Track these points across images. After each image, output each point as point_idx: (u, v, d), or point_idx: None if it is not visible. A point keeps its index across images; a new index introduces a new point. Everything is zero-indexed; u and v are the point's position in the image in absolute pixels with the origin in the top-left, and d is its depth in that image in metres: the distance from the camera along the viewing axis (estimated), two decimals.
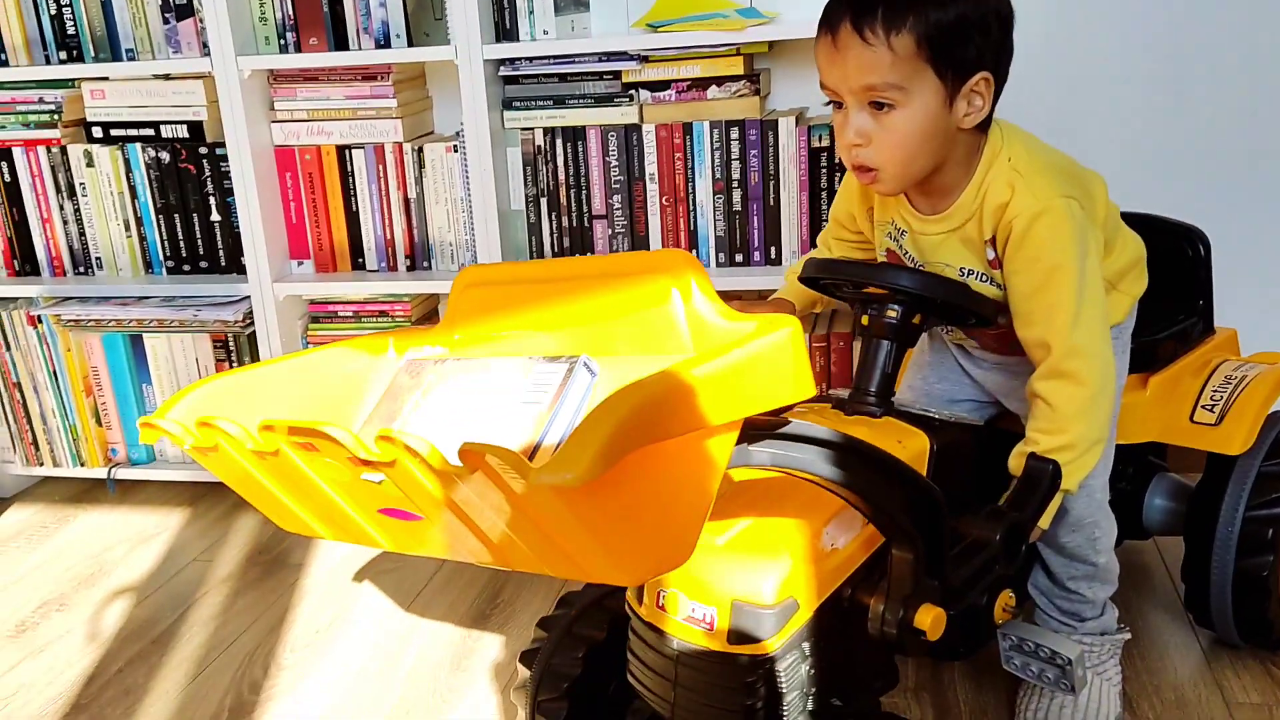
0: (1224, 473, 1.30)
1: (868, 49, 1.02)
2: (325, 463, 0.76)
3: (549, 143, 1.78)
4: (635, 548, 0.72)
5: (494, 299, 0.96)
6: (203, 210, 1.92)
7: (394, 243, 1.89)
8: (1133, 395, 1.29)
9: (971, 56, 1.03)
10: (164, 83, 1.88)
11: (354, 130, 1.84)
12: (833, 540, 1.00)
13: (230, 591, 1.71)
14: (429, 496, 0.73)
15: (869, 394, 1.13)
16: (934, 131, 1.05)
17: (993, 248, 1.11)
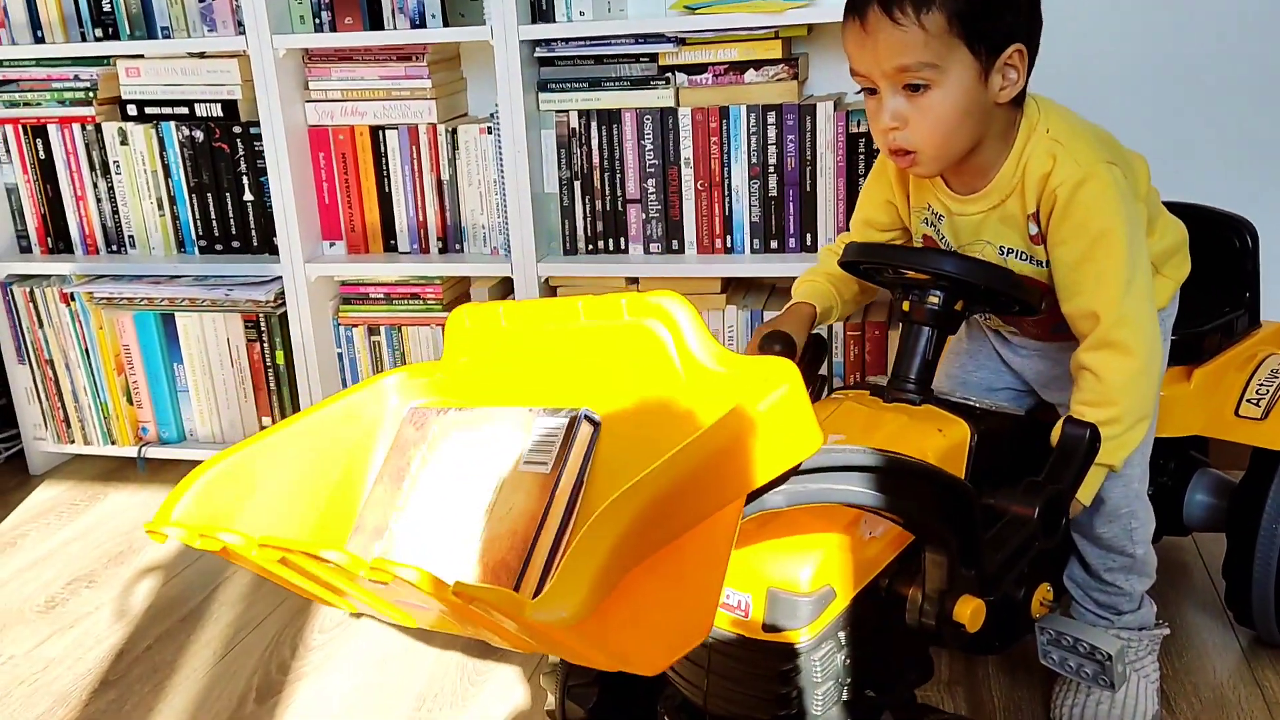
0: (1269, 468, 1.28)
1: (899, 29, 1.00)
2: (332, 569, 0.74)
3: (584, 125, 1.76)
4: (648, 645, 0.70)
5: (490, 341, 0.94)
6: (235, 190, 1.92)
7: (426, 225, 1.88)
8: (1176, 388, 1.27)
9: (1003, 30, 1.02)
10: (199, 61, 1.88)
11: (388, 111, 1.83)
12: (870, 529, 0.98)
13: None
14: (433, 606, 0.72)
15: (909, 381, 1.11)
16: (971, 108, 1.03)
17: (1035, 222, 1.09)
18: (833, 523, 0.96)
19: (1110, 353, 1.06)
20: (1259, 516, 1.26)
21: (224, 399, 2.01)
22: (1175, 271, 1.20)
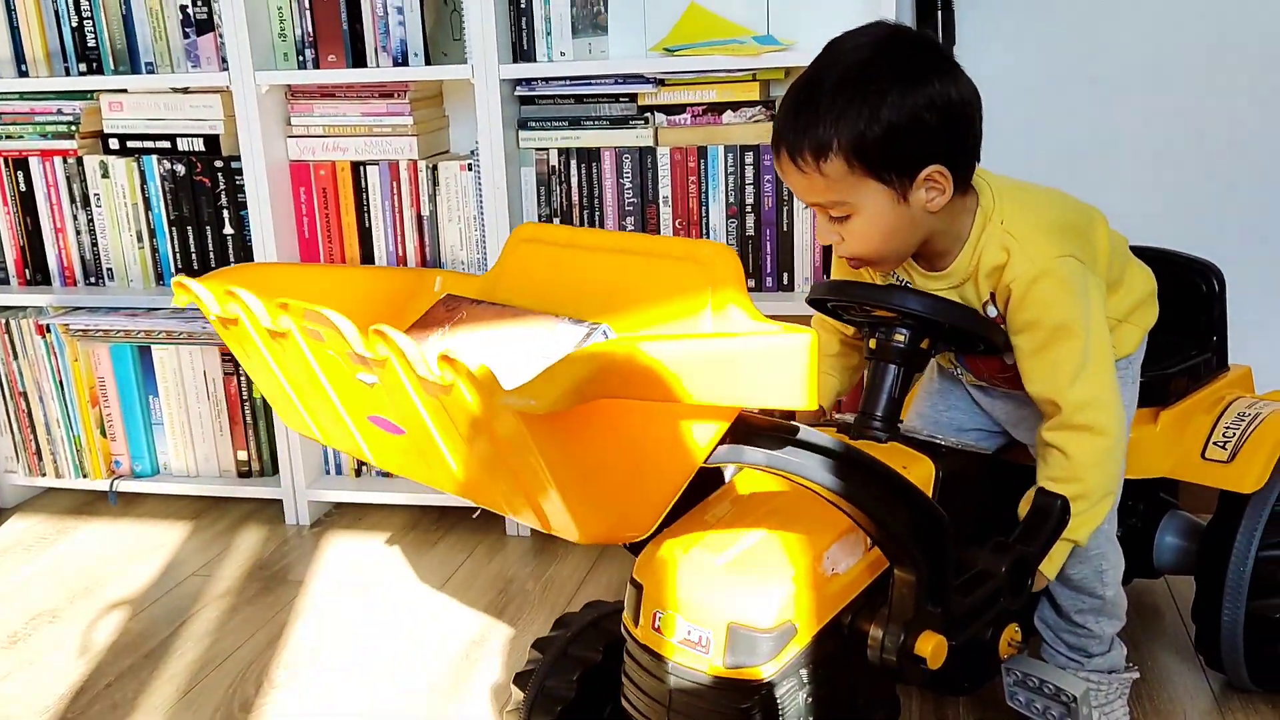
0: (1236, 511, 1.28)
1: (804, 176, 1.03)
2: (328, 355, 0.78)
3: (563, 163, 1.78)
4: (595, 503, 0.73)
5: (543, 257, 0.98)
6: (216, 223, 1.93)
7: (405, 259, 1.88)
8: (1143, 429, 1.27)
9: (912, 158, 1.02)
10: (182, 96, 1.89)
11: (369, 147, 1.85)
12: (834, 564, 0.97)
13: (228, 607, 1.68)
14: (412, 408, 0.75)
15: (875, 418, 1.11)
16: (897, 225, 1.05)
17: (994, 305, 1.11)
18: (795, 558, 0.96)
19: (1075, 434, 1.07)
20: (1227, 560, 1.26)
21: (199, 432, 1.99)
22: (1143, 319, 1.21)
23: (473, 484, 0.80)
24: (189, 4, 1.83)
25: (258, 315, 0.81)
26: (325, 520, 1.97)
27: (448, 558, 1.80)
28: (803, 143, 1.02)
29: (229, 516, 2.00)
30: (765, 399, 0.78)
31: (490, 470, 0.77)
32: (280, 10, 1.80)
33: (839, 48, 1.05)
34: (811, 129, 1.01)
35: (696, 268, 0.86)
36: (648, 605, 0.99)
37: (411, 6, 1.76)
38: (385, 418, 0.81)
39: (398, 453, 0.85)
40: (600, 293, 0.91)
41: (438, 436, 0.77)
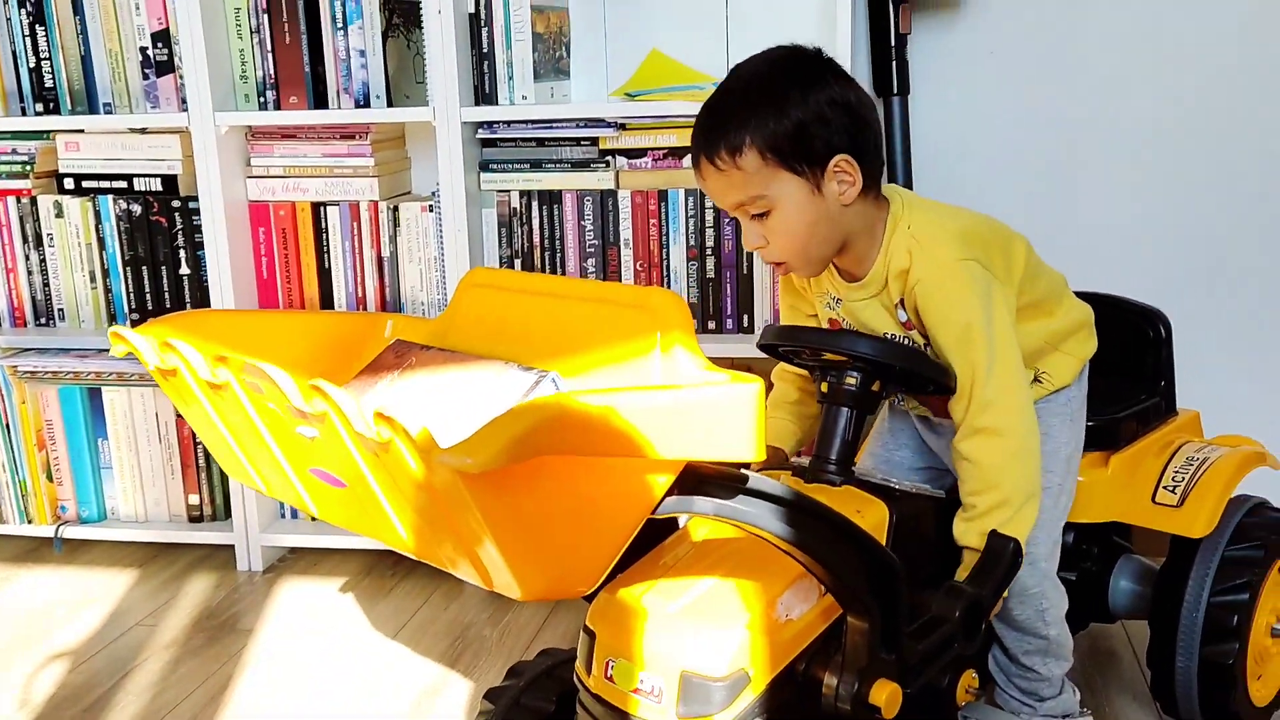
0: (1188, 556, 1.28)
1: (722, 174, 1.09)
2: (268, 408, 0.78)
3: (525, 205, 1.78)
4: (537, 560, 0.72)
5: (494, 302, 1.00)
6: (172, 263, 1.90)
7: (365, 300, 1.87)
8: (1094, 473, 1.28)
9: (819, 148, 1.08)
10: (139, 136, 1.87)
11: (329, 187, 1.84)
12: (787, 611, 0.97)
13: (173, 658, 1.63)
14: (353, 462, 0.74)
15: (829, 461, 1.11)
16: (816, 218, 1.09)
17: (904, 310, 1.14)
18: (748, 605, 0.95)
19: (981, 438, 1.09)
20: (1179, 606, 1.26)
21: (149, 476, 1.95)
22: (1079, 349, 1.22)
23: (414, 539, 0.79)
24: (149, 45, 1.83)
25: (196, 367, 0.80)
26: (279, 565, 1.93)
27: (403, 604, 1.77)
28: (718, 142, 1.08)
29: (178, 563, 1.95)
30: (712, 452, 0.77)
31: (431, 526, 0.76)
32: (242, 52, 1.80)
33: (742, 68, 1.13)
34: (725, 129, 1.07)
35: (645, 315, 0.86)
36: (600, 653, 0.97)
37: (374, 49, 1.77)
38: (327, 470, 0.80)
39: (340, 505, 0.84)
40: (550, 339, 0.91)
41: (378, 491, 0.76)
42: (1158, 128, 1.75)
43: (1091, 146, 1.78)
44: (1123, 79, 1.75)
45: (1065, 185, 1.79)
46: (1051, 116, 1.78)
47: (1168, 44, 1.72)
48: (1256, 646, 1.31)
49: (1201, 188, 1.76)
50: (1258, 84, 1.71)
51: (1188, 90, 1.73)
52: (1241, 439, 1.41)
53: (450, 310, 1.01)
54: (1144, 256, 1.78)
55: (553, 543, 0.74)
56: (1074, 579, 1.33)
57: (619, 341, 0.87)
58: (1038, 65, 1.77)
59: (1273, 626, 1.33)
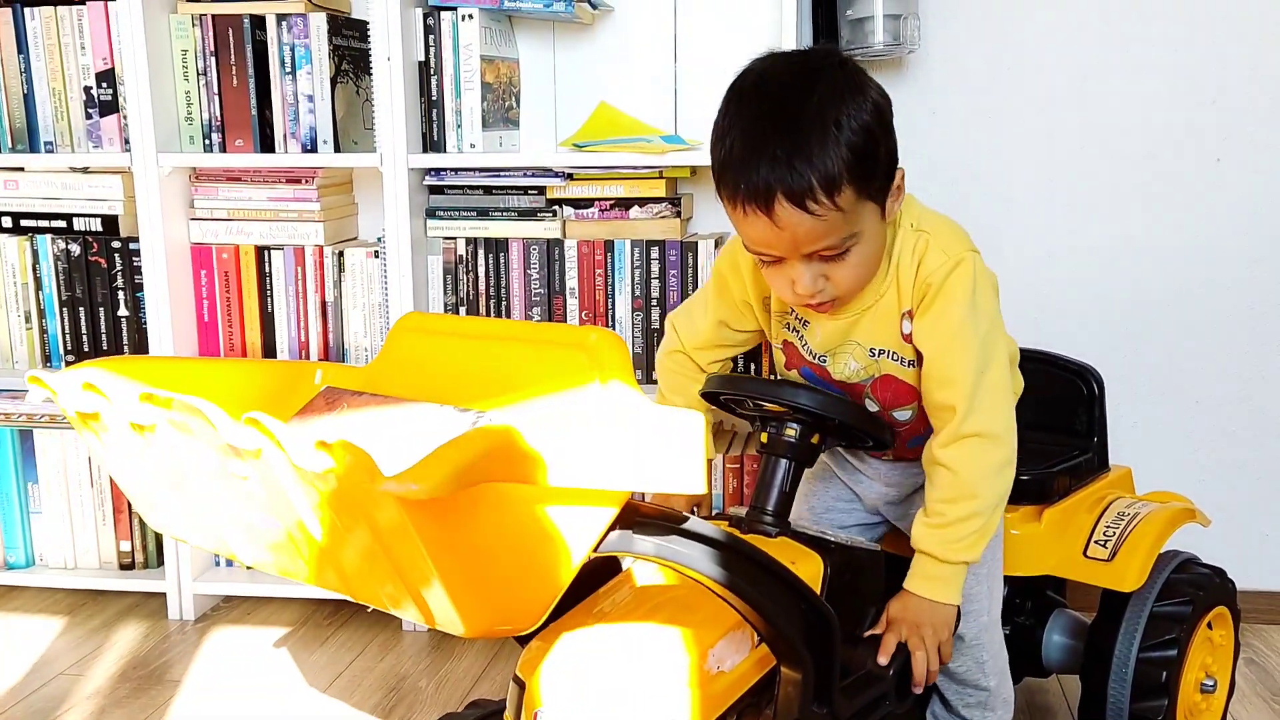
0: (1118, 611, 1.30)
1: (817, 220, 0.95)
2: (198, 451, 0.75)
3: (471, 253, 1.78)
4: (480, 594, 0.71)
5: (428, 346, 0.97)
6: (110, 304, 1.87)
7: (309, 345, 1.85)
8: (1027, 527, 1.30)
9: (885, 164, 1.00)
10: (81, 175, 1.85)
11: (274, 231, 1.83)
12: (719, 662, 0.96)
13: (96, 708, 1.58)
14: (288, 500, 0.71)
15: (766, 512, 1.11)
16: (881, 244, 1.04)
17: (908, 319, 1.08)
18: (680, 656, 0.94)
19: (967, 444, 1.04)
20: (1109, 660, 1.28)
21: (80, 522, 1.90)
22: (1014, 383, 1.20)
23: (353, 578, 0.77)
24: (93, 85, 1.81)
25: (120, 407, 0.78)
26: (212, 614, 1.89)
27: (339, 655, 1.73)
28: (808, 179, 0.93)
29: (108, 611, 1.89)
30: (656, 483, 0.77)
31: (371, 562, 0.74)
32: (188, 94, 1.79)
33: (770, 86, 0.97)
34: (812, 161, 0.92)
35: (584, 354, 0.85)
36: (529, 704, 0.96)
37: (323, 95, 1.77)
38: (259, 513, 0.78)
39: (271, 550, 0.82)
40: (486, 381, 0.90)
41: (316, 530, 0.74)
42: (1089, 191, 1.81)
43: (1025, 207, 1.82)
44: (1052, 129, 1.80)
45: (999, 244, 1.83)
46: (986, 175, 1.82)
47: (1098, 111, 1.78)
48: (1186, 703, 1.33)
49: (1134, 248, 1.81)
50: (1188, 153, 1.77)
51: (1118, 151, 1.79)
52: (1172, 495, 1.44)
53: (382, 356, 0.99)
54: (1078, 314, 1.82)
55: (497, 576, 0.72)
56: (1008, 632, 1.33)
57: (557, 383, 0.86)
58: (977, 125, 1.81)
59: (1202, 682, 1.35)
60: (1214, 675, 1.37)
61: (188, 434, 0.75)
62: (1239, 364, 1.80)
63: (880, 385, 1.14)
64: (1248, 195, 1.77)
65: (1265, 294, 1.78)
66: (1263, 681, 1.64)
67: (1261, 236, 1.77)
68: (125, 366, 0.91)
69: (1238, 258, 1.78)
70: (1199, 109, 1.76)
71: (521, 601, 0.76)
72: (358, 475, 0.65)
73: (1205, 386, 1.81)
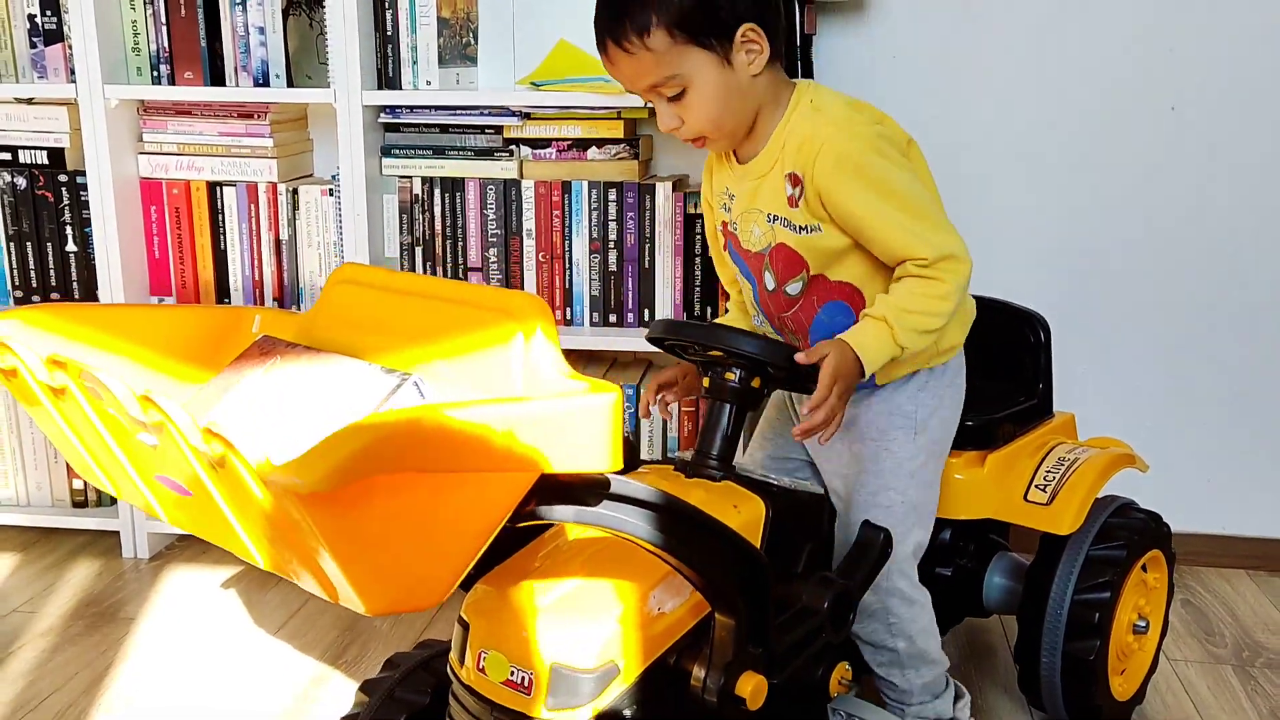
0: (1055, 554, 1.32)
1: (632, 58, 1.09)
2: (109, 414, 0.75)
3: (427, 192, 1.76)
4: (381, 575, 0.71)
5: (362, 299, 0.98)
6: (58, 239, 1.84)
7: (263, 283, 1.83)
8: (970, 471, 1.32)
9: (726, 18, 1.09)
10: (26, 106, 1.80)
11: (226, 167, 1.80)
12: (660, 604, 0.98)
13: (49, 645, 1.59)
14: (192, 472, 0.72)
15: (710, 457, 1.12)
16: (728, 90, 1.11)
17: (792, 183, 1.13)
18: (620, 598, 0.96)
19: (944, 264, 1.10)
20: (1045, 601, 1.30)
21: (32, 459, 1.88)
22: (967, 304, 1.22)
23: (260, 551, 0.77)
24: (37, 14, 1.76)
25: (33, 369, 0.77)
26: (166, 553, 1.89)
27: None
28: (624, 25, 1.07)
29: (61, 549, 1.89)
30: (569, 463, 0.77)
31: (272, 540, 0.75)
32: (135, 24, 1.74)
33: None
34: (629, 10, 1.07)
35: (509, 318, 0.86)
36: (474, 645, 0.97)
37: (274, 28, 1.73)
38: (171, 478, 0.78)
39: (188, 513, 0.82)
40: (415, 339, 0.91)
41: (221, 503, 0.74)
42: (1044, 139, 1.81)
43: (980, 152, 1.82)
44: (1013, 89, 1.79)
45: (953, 188, 1.83)
46: (945, 122, 1.82)
47: (1057, 55, 1.78)
48: (1118, 643, 1.36)
49: (1085, 197, 1.82)
50: (1144, 97, 1.78)
51: (1075, 100, 1.79)
52: (1112, 441, 1.46)
53: (319, 305, 0.99)
54: (1030, 260, 1.83)
55: (397, 558, 0.72)
56: (949, 575, 1.36)
57: (482, 344, 0.86)
58: (937, 72, 1.81)
59: (1134, 624, 1.39)
60: (1147, 617, 1.41)
61: (98, 400, 0.75)
62: (1189, 313, 1.83)
63: (775, 255, 1.17)
64: (1202, 145, 1.78)
65: (1214, 244, 1.80)
66: (1198, 622, 1.69)
67: (1218, 187, 1.79)
68: (66, 314, 0.90)
69: (1189, 207, 1.80)
70: (1156, 58, 1.76)
71: (425, 579, 0.76)
72: (245, 467, 0.65)
73: (1149, 332, 1.84)
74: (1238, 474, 1.86)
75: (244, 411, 0.90)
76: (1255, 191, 1.78)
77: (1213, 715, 1.45)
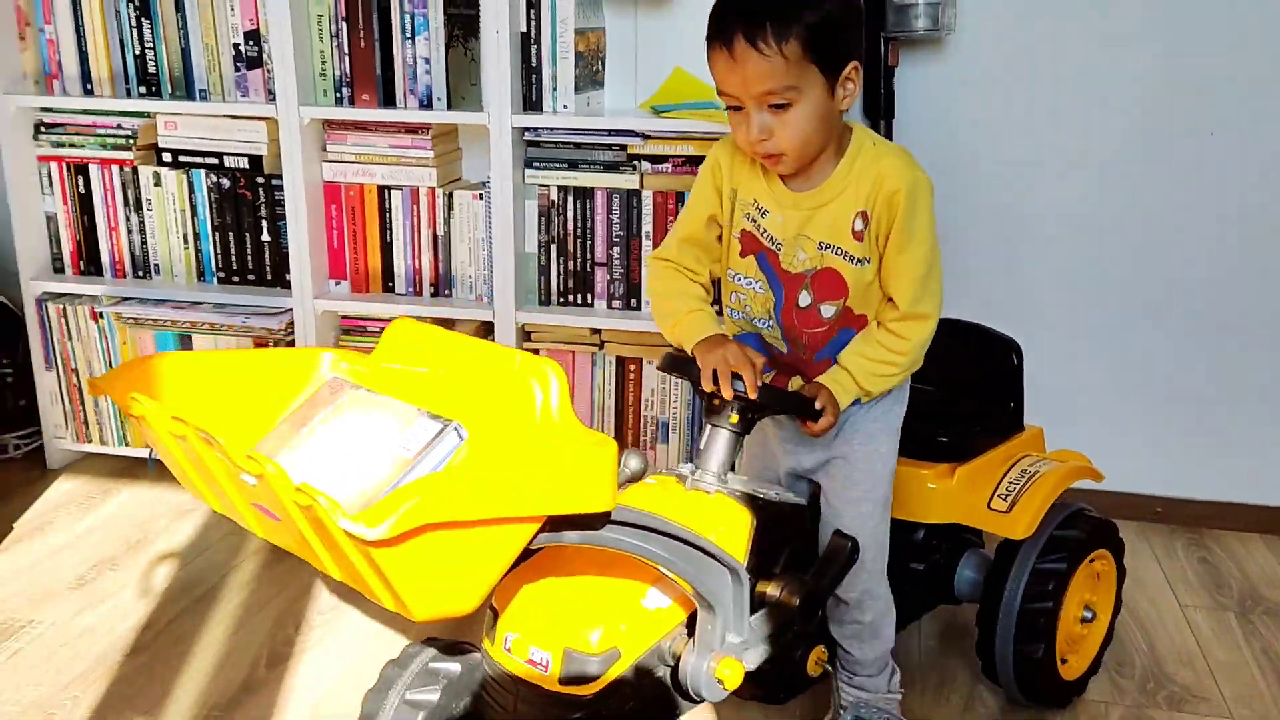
0: (1010, 559, 1.47)
1: (764, 59, 1.14)
2: (217, 456, 0.93)
3: (562, 198, 2.09)
4: (424, 595, 0.91)
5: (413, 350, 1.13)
6: (254, 230, 2.21)
7: (421, 272, 2.19)
8: (941, 482, 1.48)
9: (844, 50, 1.19)
10: (230, 120, 2.17)
11: (394, 174, 2.14)
12: (656, 601, 1.18)
13: (263, 561, 1.98)
14: (283, 507, 0.90)
15: (708, 472, 1.27)
16: (823, 117, 1.20)
17: (862, 219, 1.24)
18: (621, 595, 1.16)
19: (913, 321, 1.26)
20: (1000, 596, 1.46)
21: None
22: None
23: (336, 569, 0.94)
24: (241, 42, 2.11)
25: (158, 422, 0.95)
26: None
27: None
28: (765, 27, 1.12)
29: None
30: (572, 505, 0.95)
31: (341, 562, 0.92)
32: (322, 54, 2.09)
33: None
34: (774, 15, 1.12)
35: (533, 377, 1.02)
36: (501, 629, 1.15)
37: (438, 58, 2.06)
38: (265, 506, 0.95)
39: (278, 533, 0.98)
40: (456, 390, 1.08)
41: (303, 533, 0.90)
42: (1086, 156, 2.06)
43: (1034, 168, 2.08)
44: (1061, 116, 2.04)
45: (1009, 198, 2.11)
46: (1003, 139, 2.08)
47: (1099, 89, 2.03)
48: (1066, 634, 1.52)
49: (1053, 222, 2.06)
50: (1179, 127, 2.02)
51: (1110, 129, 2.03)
52: (1072, 454, 1.62)
53: (378, 351, 1.15)
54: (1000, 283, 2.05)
55: (439, 580, 0.90)
56: (922, 569, 1.53)
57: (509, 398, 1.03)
58: (998, 96, 2.07)
59: (1081, 615, 1.55)
60: (1094, 607, 1.57)
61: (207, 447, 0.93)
62: (1236, 320, 2.07)
63: (819, 278, 1.29)
64: (1246, 166, 2.02)
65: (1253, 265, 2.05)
66: (1210, 575, 1.97)
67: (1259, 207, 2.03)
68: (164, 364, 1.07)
69: (1229, 226, 2.04)
70: (1195, 92, 1.99)
71: (462, 594, 0.93)
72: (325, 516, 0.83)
73: (1196, 342, 2.10)
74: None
75: (316, 449, 1.06)
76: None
77: (1212, 651, 1.75)
